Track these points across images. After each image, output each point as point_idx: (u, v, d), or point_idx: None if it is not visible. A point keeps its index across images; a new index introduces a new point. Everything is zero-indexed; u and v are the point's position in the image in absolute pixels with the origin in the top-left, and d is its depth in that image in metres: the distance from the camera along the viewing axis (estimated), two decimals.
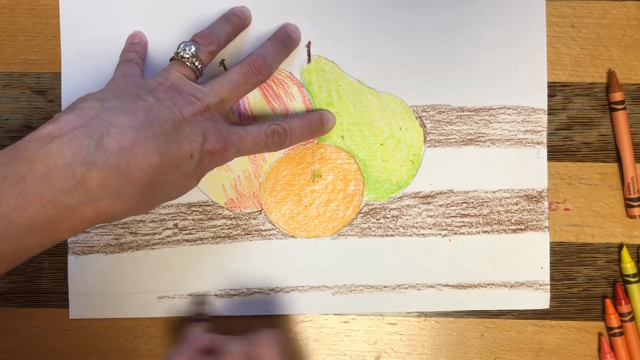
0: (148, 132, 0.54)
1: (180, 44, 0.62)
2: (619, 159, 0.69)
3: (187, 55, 0.61)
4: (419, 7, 0.69)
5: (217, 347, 0.61)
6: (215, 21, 0.67)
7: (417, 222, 0.69)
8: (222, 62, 0.69)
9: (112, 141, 0.52)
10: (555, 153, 0.70)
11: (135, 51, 0.67)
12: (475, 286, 0.69)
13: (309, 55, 0.69)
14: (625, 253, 0.69)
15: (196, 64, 0.62)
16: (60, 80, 0.70)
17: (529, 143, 0.69)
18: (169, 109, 0.56)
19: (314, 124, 0.67)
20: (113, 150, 0.52)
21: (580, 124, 0.70)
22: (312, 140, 0.69)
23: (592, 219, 0.70)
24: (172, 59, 0.62)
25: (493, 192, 0.69)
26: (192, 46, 0.62)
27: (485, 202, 0.69)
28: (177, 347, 0.63)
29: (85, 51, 0.69)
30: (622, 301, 0.68)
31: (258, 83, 0.63)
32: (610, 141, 0.70)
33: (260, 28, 0.69)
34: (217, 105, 0.60)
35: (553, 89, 0.70)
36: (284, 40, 0.67)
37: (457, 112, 0.69)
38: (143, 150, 0.53)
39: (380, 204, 0.69)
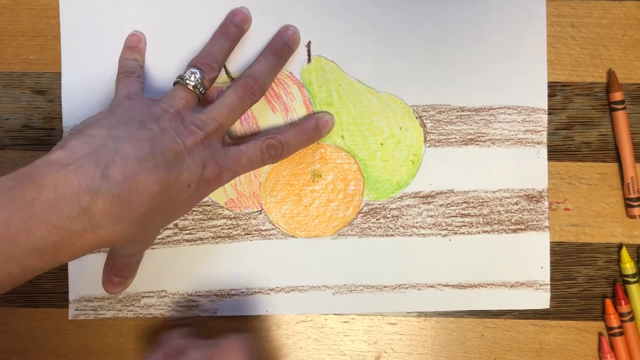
0: (150, 162, 0.55)
1: (187, 71, 0.63)
2: (619, 159, 0.69)
3: (193, 82, 0.62)
4: (419, 7, 0.69)
5: (181, 351, 0.62)
6: (212, 38, 0.68)
7: (417, 222, 0.69)
8: None
9: (117, 170, 0.54)
10: (555, 153, 0.70)
11: (134, 59, 0.68)
12: (476, 286, 0.69)
13: (309, 55, 0.69)
14: (625, 253, 0.69)
15: (200, 90, 0.63)
16: (61, 80, 0.69)
17: (529, 143, 0.69)
18: (172, 139, 0.58)
19: (309, 130, 0.68)
20: (117, 180, 0.53)
21: (580, 124, 0.70)
22: None
23: (592, 219, 0.70)
24: (175, 83, 0.63)
25: (493, 192, 0.69)
26: (198, 73, 0.63)
27: (486, 202, 0.69)
28: (150, 351, 0.64)
29: (85, 51, 0.69)
30: (622, 301, 0.68)
31: (253, 103, 0.64)
32: (610, 141, 0.70)
33: (259, 28, 0.69)
34: (216, 131, 0.61)
35: (553, 88, 0.70)
36: (278, 52, 0.67)
37: (457, 111, 0.69)
38: (144, 180, 0.55)
39: (381, 204, 0.69)
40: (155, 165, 0.56)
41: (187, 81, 0.62)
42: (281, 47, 0.68)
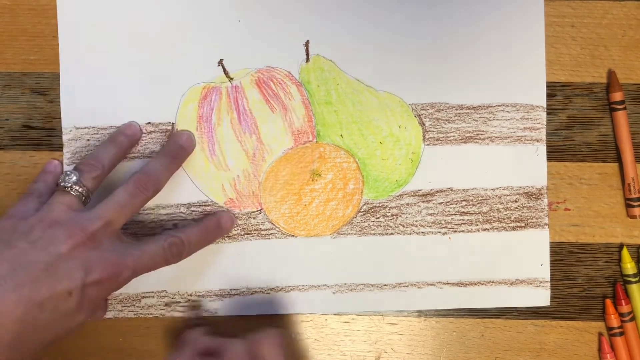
0: (10, 283, 0.53)
1: (62, 174, 0.62)
2: (619, 159, 0.69)
3: (69, 184, 0.61)
4: (417, 5, 0.69)
5: (217, 349, 0.61)
6: (100, 145, 0.67)
7: (416, 221, 0.69)
8: (220, 62, 0.69)
9: None
10: (556, 153, 0.70)
11: (43, 180, 0.67)
12: (475, 284, 0.69)
13: (307, 54, 0.69)
14: (625, 253, 0.69)
15: (80, 190, 0.61)
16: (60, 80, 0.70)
17: (528, 140, 0.69)
18: (43, 250, 0.56)
19: (210, 229, 0.67)
20: None
21: (580, 124, 0.70)
22: (310, 139, 0.69)
23: (592, 219, 0.70)
24: (56, 189, 0.62)
25: (492, 189, 0.69)
26: (73, 175, 0.61)
27: (485, 199, 0.69)
28: (176, 351, 0.63)
29: (83, 51, 0.69)
30: (622, 301, 0.68)
31: (147, 200, 0.63)
32: (610, 141, 0.70)
33: (259, 29, 0.69)
34: (102, 229, 0.59)
35: (553, 88, 0.70)
36: (173, 154, 0.67)
37: (456, 110, 0.69)
38: (3, 304, 0.53)
39: (380, 203, 0.69)
40: (16, 286, 0.53)
41: (64, 184, 0.61)
42: (175, 149, 0.68)
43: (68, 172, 0.61)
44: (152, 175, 0.63)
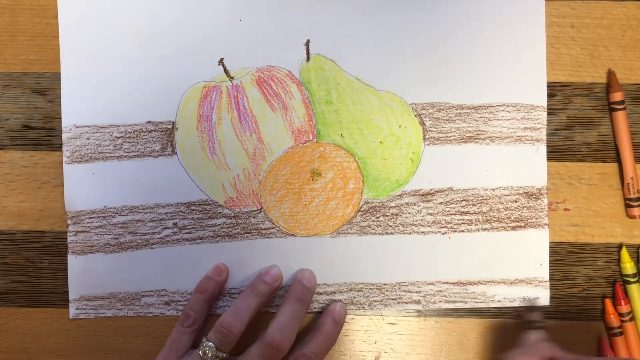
0: None
1: (203, 342, 0.65)
2: (618, 159, 0.69)
3: (210, 355, 0.64)
4: (418, 5, 0.69)
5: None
6: (241, 296, 0.67)
7: (416, 220, 0.69)
8: (221, 61, 0.69)
9: None
10: (555, 153, 0.70)
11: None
12: (475, 283, 0.69)
13: (307, 53, 0.69)
14: (624, 253, 0.69)
15: (220, 355, 0.64)
16: (60, 80, 0.70)
17: (528, 140, 0.69)
18: None
19: (330, 332, 0.68)
20: None
21: (580, 124, 0.70)
22: (310, 138, 0.69)
23: (592, 219, 0.70)
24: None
25: (492, 189, 0.69)
26: (212, 345, 0.64)
27: (485, 199, 0.69)
28: (519, 351, 0.63)
29: (84, 49, 0.70)
30: (622, 301, 0.68)
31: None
32: (610, 141, 0.70)
33: (260, 28, 0.69)
34: None
35: (553, 88, 0.70)
36: (302, 298, 0.67)
37: (457, 109, 0.69)
38: None
39: (380, 202, 0.69)
40: None
41: (204, 354, 0.64)
42: (302, 291, 0.68)
43: (206, 344, 0.64)
44: (284, 333, 0.65)
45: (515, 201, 0.69)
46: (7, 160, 0.70)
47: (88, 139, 0.69)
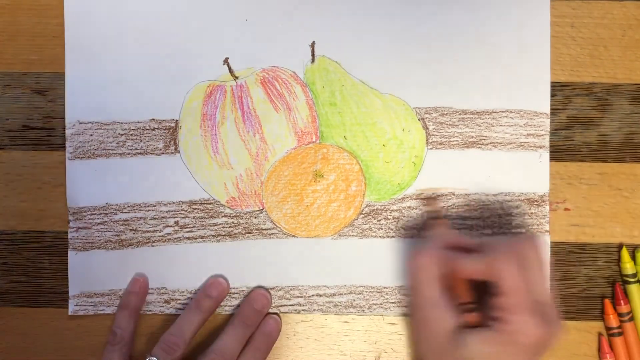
0: None
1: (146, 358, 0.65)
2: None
3: None
4: (423, 9, 0.69)
5: (472, 245, 0.61)
6: (184, 312, 0.68)
7: (418, 224, 0.69)
8: (225, 60, 0.70)
9: None
10: (556, 153, 0.70)
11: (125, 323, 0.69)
12: None
13: (312, 54, 0.69)
14: (624, 253, 0.69)
15: None
16: (61, 80, 0.70)
17: (531, 147, 0.69)
18: None
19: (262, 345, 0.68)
20: None
21: (580, 124, 0.70)
22: (314, 140, 0.69)
23: (591, 219, 0.70)
24: None
25: (494, 195, 0.69)
26: None
27: (486, 205, 0.69)
28: (423, 243, 0.63)
29: (89, 46, 0.69)
30: (621, 301, 0.69)
31: None
32: (610, 141, 0.70)
33: (265, 28, 0.70)
34: None
35: (553, 89, 0.70)
36: (247, 322, 0.68)
37: (460, 114, 0.69)
38: None
39: (382, 205, 0.69)
40: None
41: None
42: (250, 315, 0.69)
43: (149, 359, 0.64)
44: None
45: (517, 207, 0.69)
46: (7, 160, 0.70)
47: (91, 135, 0.69)
